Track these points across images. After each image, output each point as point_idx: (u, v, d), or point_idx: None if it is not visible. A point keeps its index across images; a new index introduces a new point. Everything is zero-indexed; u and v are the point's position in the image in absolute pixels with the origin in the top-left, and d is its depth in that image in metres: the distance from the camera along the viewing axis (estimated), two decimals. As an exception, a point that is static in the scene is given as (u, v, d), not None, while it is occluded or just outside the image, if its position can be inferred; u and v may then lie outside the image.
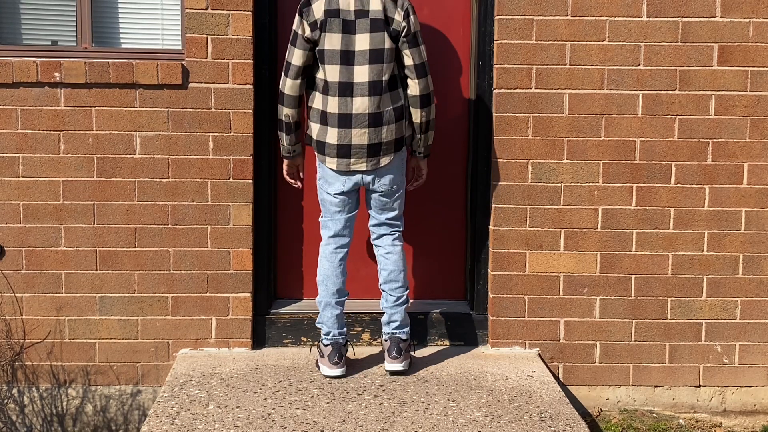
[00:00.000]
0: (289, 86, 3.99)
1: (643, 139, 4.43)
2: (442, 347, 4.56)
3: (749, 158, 4.46)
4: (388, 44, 3.94)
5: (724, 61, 4.40)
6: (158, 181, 4.38)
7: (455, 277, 4.76)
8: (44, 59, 4.30)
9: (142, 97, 4.33)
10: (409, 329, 4.18)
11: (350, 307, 4.44)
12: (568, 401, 3.95)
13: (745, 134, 4.45)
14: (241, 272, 4.44)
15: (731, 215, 4.49)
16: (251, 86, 4.35)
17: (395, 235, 4.16)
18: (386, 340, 4.16)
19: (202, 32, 4.31)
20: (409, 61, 3.97)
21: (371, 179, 4.04)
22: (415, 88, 4.00)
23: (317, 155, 4.07)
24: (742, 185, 4.47)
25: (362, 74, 3.93)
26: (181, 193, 4.39)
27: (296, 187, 4.33)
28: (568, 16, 4.36)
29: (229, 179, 4.39)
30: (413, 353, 4.33)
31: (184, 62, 4.33)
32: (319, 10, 3.91)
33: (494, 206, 4.46)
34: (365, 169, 4.00)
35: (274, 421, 3.66)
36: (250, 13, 4.32)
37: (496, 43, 4.39)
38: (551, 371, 4.41)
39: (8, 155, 4.33)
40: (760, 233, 4.50)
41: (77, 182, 4.36)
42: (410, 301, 4.30)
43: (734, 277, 4.52)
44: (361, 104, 3.94)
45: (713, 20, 4.38)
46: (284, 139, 4.10)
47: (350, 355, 4.34)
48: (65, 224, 4.38)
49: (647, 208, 4.47)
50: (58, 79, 4.28)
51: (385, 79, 3.96)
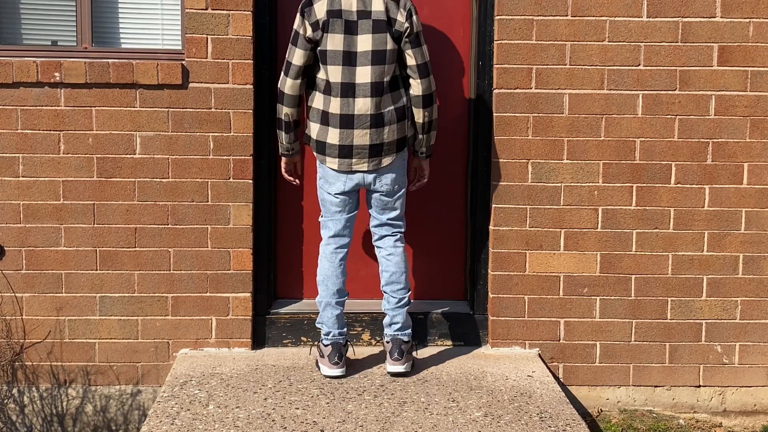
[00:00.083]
0: (289, 86, 3.98)
1: (643, 139, 4.43)
2: (442, 347, 4.56)
3: (749, 158, 4.46)
4: (390, 45, 3.93)
5: (724, 61, 4.40)
6: (158, 181, 4.38)
7: (455, 277, 4.76)
8: (44, 59, 4.30)
9: (142, 97, 4.33)
10: (410, 331, 4.18)
11: (350, 307, 4.44)
12: (568, 401, 3.95)
13: (745, 134, 4.45)
14: (241, 272, 4.44)
15: (731, 215, 4.49)
16: (251, 86, 4.35)
17: (397, 236, 4.15)
18: (388, 341, 4.16)
19: (202, 32, 4.31)
20: (411, 61, 3.97)
21: (372, 179, 4.04)
22: (417, 88, 3.99)
23: (316, 155, 4.06)
24: (742, 185, 4.47)
25: (364, 75, 3.93)
26: (181, 193, 4.39)
27: (295, 184, 4.33)
28: (568, 16, 4.36)
29: (229, 179, 4.39)
30: (414, 353, 4.32)
31: (184, 62, 4.33)
32: (321, 10, 3.91)
33: (494, 206, 4.46)
34: (367, 169, 4.00)
35: (274, 421, 3.66)
36: (250, 13, 4.32)
37: (496, 43, 4.39)
38: (551, 371, 4.41)
39: (8, 155, 4.33)
40: (760, 233, 4.50)
41: (77, 182, 4.36)
42: (411, 302, 4.30)
43: (734, 277, 4.51)
44: (363, 105, 3.94)
45: (713, 20, 4.38)
46: (283, 137, 4.10)
47: (350, 355, 4.34)
48: (65, 224, 4.38)
49: (647, 208, 4.47)
50: (58, 79, 4.28)
51: (386, 80, 3.96)
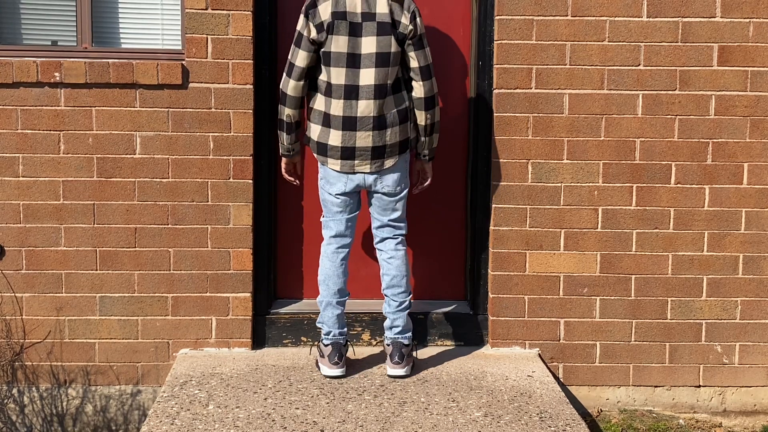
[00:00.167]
0: (292, 87, 3.98)
1: (643, 139, 4.43)
2: (442, 347, 4.56)
3: (749, 158, 4.46)
4: (394, 47, 3.93)
5: (724, 61, 4.40)
6: (158, 181, 4.38)
7: (455, 277, 4.76)
8: (44, 59, 4.30)
9: (142, 97, 4.33)
10: (411, 334, 4.18)
11: (350, 307, 4.44)
12: (568, 401, 3.95)
13: (745, 134, 4.45)
14: (241, 272, 4.44)
15: (731, 215, 4.49)
16: (251, 86, 4.35)
17: (398, 239, 4.15)
18: (388, 344, 4.16)
19: (202, 32, 4.31)
20: (414, 63, 3.96)
21: (373, 180, 4.04)
22: (419, 90, 3.99)
23: (317, 156, 4.06)
24: (742, 185, 4.47)
25: (368, 77, 3.92)
26: (181, 193, 4.39)
27: (295, 184, 4.33)
28: (568, 16, 4.36)
29: (229, 179, 4.39)
30: (414, 354, 4.32)
31: (184, 62, 4.33)
32: (325, 11, 3.90)
33: (494, 206, 4.46)
34: (369, 170, 4.00)
35: (274, 421, 3.66)
36: (250, 13, 4.32)
37: (496, 43, 4.39)
38: (551, 371, 4.41)
39: (8, 155, 4.33)
40: (760, 233, 4.50)
41: (77, 182, 4.36)
42: (412, 304, 4.29)
43: (734, 277, 4.51)
44: (365, 107, 3.94)
45: (713, 20, 4.38)
46: (284, 138, 4.09)
47: (350, 355, 4.34)
48: (65, 224, 4.38)
49: (647, 208, 4.47)
50: (58, 79, 4.28)
51: (390, 82, 3.95)
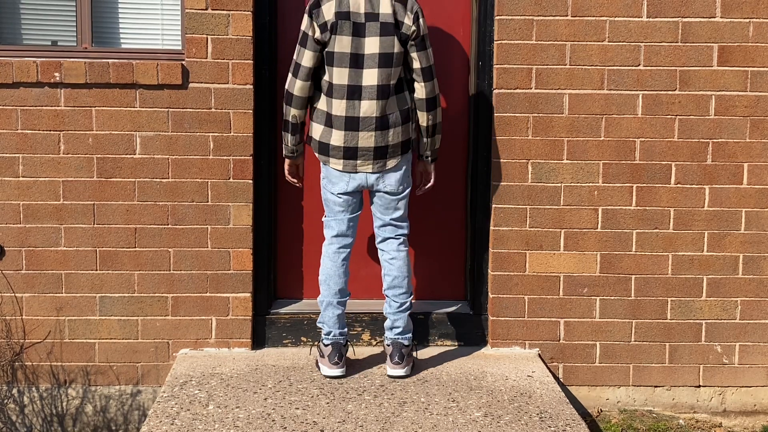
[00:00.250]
0: (298, 87, 3.97)
1: (643, 139, 4.43)
2: (442, 347, 4.56)
3: (749, 158, 4.46)
4: (397, 48, 3.93)
5: (724, 61, 4.40)
6: (158, 181, 4.38)
7: (455, 277, 4.76)
8: (44, 59, 4.30)
9: (142, 97, 4.33)
10: (411, 335, 4.18)
11: (350, 307, 4.44)
12: (568, 401, 3.95)
13: (745, 134, 4.45)
14: (241, 272, 4.44)
15: (731, 215, 4.49)
16: (251, 86, 4.35)
17: (400, 239, 4.14)
18: (388, 345, 4.16)
19: (202, 32, 4.31)
20: (416, 64, 3.96)
21: (375, 179, 4.03)
22: (421, 91, 3.99)
23: (319, 156, 4.06)
24: (742, 185, 4.47)
25: (371, 78, 3.92)
26: (181, 193, 4.39)
27: (298, 186, 4.33)
28: (568, 16, 4.36)
29: (229, 179, 4.39)
30: (414, 354, 4.32)
31: (184, 62, 4.33)
32: (329, 11, 3.90)
33: (494, 206, 4.46)
34: (371, 170, 4.00)
35: (274, 421, 3.66)
36: (250, 13, 4.32)
37: (496, 43, 4.39)
38: (551, 371, 4.41)
39: (8, 155, 4.33)
40: (760, 233, 4.50)
41: (77, 182, 4.36)
42: (413, 304, 4.29)
43: (734, 277, 4.51)
44: (368, 107, 3.94)
45: (713, 20, 4.38)
46: (289, 139, 4.08)
47: (350, 355, 4.34)
48: (65, 224, 4.37)
49: (647, 208, 4.47)
50: (58, 79, 4.28)
51: (392, 82, 3.95)
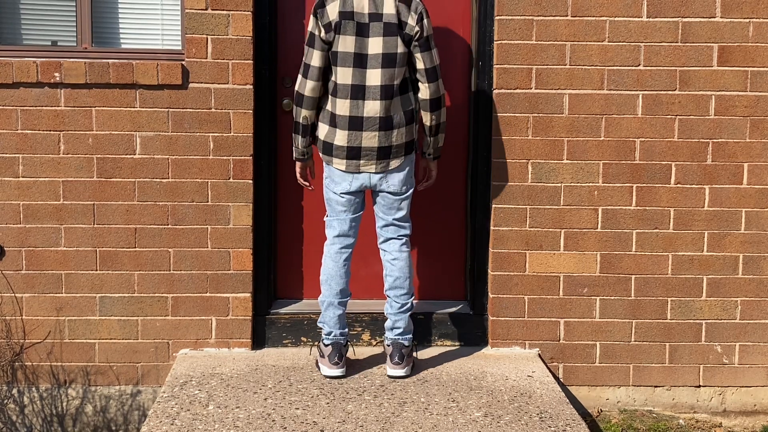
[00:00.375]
0: (309, 88, 3.96)
1: (643, 139, 4.43)
2: (442, 347, 4.56)
3: (749, 158, 4.46)
4: (401, 48, 3.93)
5: (724, 61, 4.40)
6: (158, 181, 4.38)
7: (455, 277, 4.76)
8: (44, 59, 4.30)
9: (142, 97, 4.33)
10: (411, 335, 4.18)
11: (350, 307, 4.43)
12: (568, 401, 3.95)
13: (745, 134, 4.45)
14: (241, 272, 4.44)
15: (731, 215, 4.49)
16: (251, 86, 4.35)
17: (403, 240, 4.14)
18: (389, 345, 4.16)
19: (202, 32, 4.31)
20: (420, 64, 3.96)
21: (378, 179, 4.03)
22: (426, 91, 3.99)
23: (323, 156, 4.05)
24: (742, 185, 4.47)
25: (375, 78, 3.92)
26: (181, 193, 4.39)
27: (310, 189, 4.28)
28: (568, 16, 4.36)
29: (229, 179, 4.39)
30: (415, 354, 4.32)
31: (184, 62, 4.33)
32: (333, 11, 3.90)
33: (494, 206, 4.46)
34: (374, 171, 4.00)
35: (274, 421, 3.66)
36: (250, 13, 4.32)
37: (496, 43, 4.39)
38: (551, 371, 4.41)
39: (8, 155, 4.33)
40: (760, 233, 4.50)
41: (77, 182, 4.36)
42: (414, 305, 4.28)
43: (734, 277, 4.51)
44: (372, 107, 3.94)
45: (713, 20, 4.38)
46: (300, 141, 4.06)
47: (350, 355, 4.34)
48: (65, 224, 4.37)
49: (647, 208, 4.47)
50: (58, 79, 4.28)
51: (396, 83, 3.95)
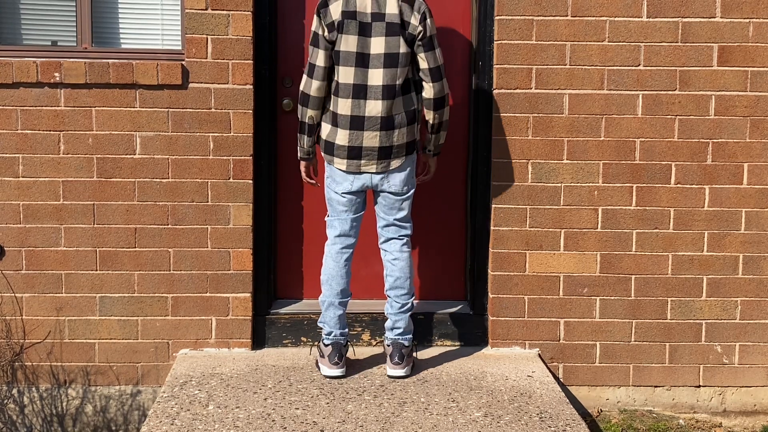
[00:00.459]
0: (314, 88, 3.96)
1: (643, 139, 4.43)
2: (442, 347, 4.56)
3: (749, 158, 4.46)
4: (403, 48, 3.93)
5: (724, 61, 4.40)
6: (158, 181, 4.38)
7: (455, 277, 4.76)
8: (44, 59, 4.30)
9: (142, 97, 4.33)
10: (411, 336, 4.18)
11: (350, 307, 4.43)
12: (568, 401, 3.95)
13: (745, 134, 4.45)
14: (241, 272, 4.44)
15: (731, 215, 4.49)
16: (251, 86, 4.35)
17: (404, 240, 4.14)
18: (389, 345, 4.16)
19: (202, 32, 4.31)
20: (424, 64, 3.96)
21: (379, 180, 4.03)
22: (430, 91, 3.98)
23: (325, 155, 4.06)
24: (742, 185, 4.47)
25: (377, 78, 3.93)
26: (181, 193, 4.39)
27: (317, 186, 4.28)
28: (568, 16, 4.36)
29: (229, 179, 4.39)
30: (414, 354, 4.32)
31: (184, 62, 4.33)
32: (336, 11, 3.90)
33: (494, 206, 4.46)
34: (375, 171, 4.00)
35: (274, 421, 3.66)
36: (250, 13, 4.32)
37: (496, 43, 4.39)
38: (551, 371, 4.41)
39: (8, 155, 4.33)
40: (760, 233, 4.50)
41: (77, 182, 4.36)
42: (415, 305, 4.28)
43: (734, 277, 4.51)
44: (374, 107, 3.94)
45: (713, 20, 4.38)
46: (305, 141, 4.07)
47: (350, 355, 4.34)
48: (65, 224, 4.37)
49: (647, 208, 4.47)
50: (58, 79, 4.28)
51: (398, 83, 3.95)
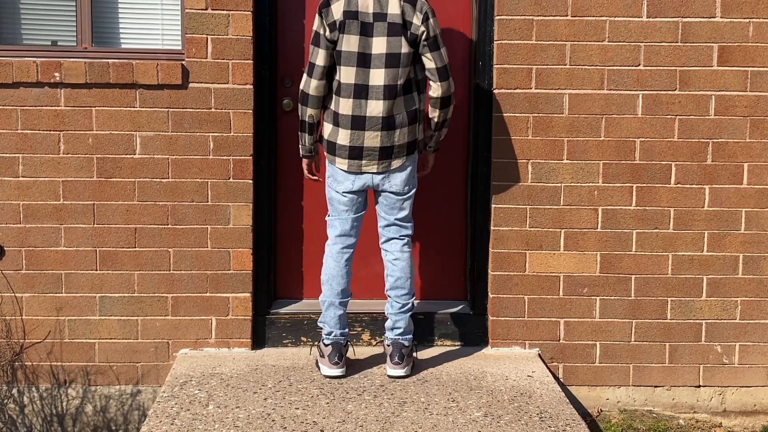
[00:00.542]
0: (314, 87, 3.97)
1: (643, 139, 4.43)
2: (442, 347, 4.56)
3: (749, 158, 4.46)
4: (405, 49, 3.93)
5: (724, 61, 4.40)
6: (158, 181, 4.38)
7: (455, 277, 4.76)
8: (44, 59, 4.30)
9: (142, 97, 4.33)
10: (412, 336, 4.18)
11: (350, 307, 4.43)
12: (568, 401, 3.95)
13: (745, 134, 4.45)
14: (241, 272, 4.44)
15: (731, 215, 4.49)
16: (251, 86, 4.35)
17: (404, 240, 4.14)
18: (389, 345, 4.16)
19: (202, 32, 4.31)
20: (430, 64, 3.96)
21: (381, 179, 4.04)
22: (438, 90, 3.98)
23: (327, 155, 4.06)
24: (742, 185, 4.47)
25: (378, 78, 3.93)
26: (181, 193, 4.39)
27: (320, 181, 4.28)
28: (568, 16, 4.36)
29: (229, 179, 4.39)
30: (414, 354, 4.32)
31: (184, 62, 4.33)
32: (338, 11, 3.91)
33: (494, 206, 4.46)
34: (376, 171, 4.00)
35: (274, 421, 3.66)
36: (250, 13, 4.32)
37: (496, 43, 4.39)
38: (551, 371, 4.41)
39: (8, 155, 4.33)
40: (760, 233, 4.50)
41: (77, 182, 4.36)
42: (415, 305, 4.28)
43: (734, 277, 4.51)
44: (375, 107, 3.94)
45: (713, 20, 4.38)
46: (306, 139, 4.08)
47: (350, 355, 4.34)
48: (65, 224, 4.38)
49: (647, 208, 4.47)
50: (58, 79, 4.28)
51: (400, 83, 3.95)
